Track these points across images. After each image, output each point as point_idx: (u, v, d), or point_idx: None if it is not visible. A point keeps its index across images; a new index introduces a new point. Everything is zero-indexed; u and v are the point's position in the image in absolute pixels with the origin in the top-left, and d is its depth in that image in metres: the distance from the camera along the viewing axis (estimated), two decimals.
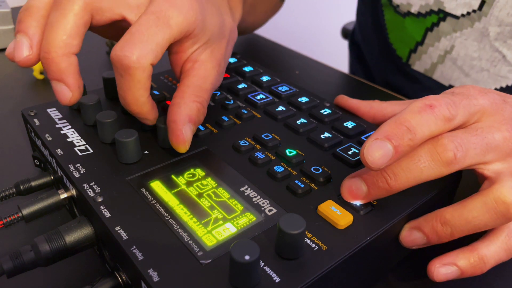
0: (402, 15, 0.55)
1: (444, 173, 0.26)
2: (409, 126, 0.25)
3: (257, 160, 0.31)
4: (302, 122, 0.35)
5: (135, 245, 0.24)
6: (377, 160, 0.25)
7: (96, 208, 0.27)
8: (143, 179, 0.29)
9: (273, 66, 0.58)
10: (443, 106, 0.26)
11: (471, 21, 0.49)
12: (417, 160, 0.26)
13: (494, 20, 0.47)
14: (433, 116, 0.26)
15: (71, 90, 0.29)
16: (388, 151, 0.25)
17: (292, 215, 0.23)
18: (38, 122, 0.35)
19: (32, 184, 0.32)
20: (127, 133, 0.30)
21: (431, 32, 0.53)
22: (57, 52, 0.28)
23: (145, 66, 0.28)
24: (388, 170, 0.26)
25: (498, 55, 0.48)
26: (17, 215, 0.29)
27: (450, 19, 0.50)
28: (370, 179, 0.27)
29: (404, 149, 0.25)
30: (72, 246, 0.27)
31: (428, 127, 0.26)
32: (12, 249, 0.26)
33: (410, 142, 0.25)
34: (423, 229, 0.27)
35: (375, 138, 0.25)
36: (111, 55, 0.28)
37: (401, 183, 0.26)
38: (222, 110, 0.38)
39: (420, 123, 0.25)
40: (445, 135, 0.26)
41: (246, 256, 0.21)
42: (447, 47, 0.52)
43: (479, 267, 0.28)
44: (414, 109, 0.26)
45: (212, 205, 0.28)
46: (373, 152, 0.25)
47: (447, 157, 0.26)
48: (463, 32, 0.50)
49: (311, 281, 0.23)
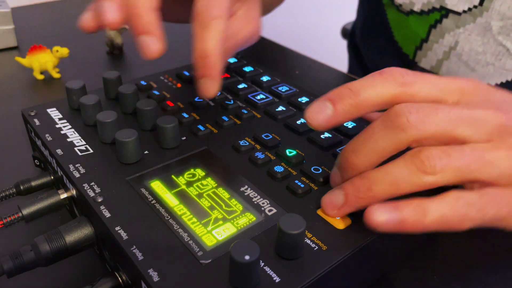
0: (405, 13, 0.55)
1: (397, 138, 0.24)
2: (352, 88, 0.25)
3: (257, 160, 0.31)
4: (302, 122, 0.35)
5: (135, 245, 0.24)
6: (316, 118, 0.25)
7: (96, 208, 0.27)
8: (143, 179, 0.29)
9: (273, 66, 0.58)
10: (395, 71, 0.26)
11: (473, 16, 0.49)
12: (372, 132, 0.25)
13: (496, 14, 0.47)
14: (380, 79, 0.25)
15: (160, 41, 0.29)
16: (328, 110, 0.25)
17: (292, 215, 0.24)
18: (38, 122, 0.35)
19: (32, 184, 0.32)
20: (127, 133, 0.30)
21: (434, 29, 0.53)
22: (144, 6, 0.29)
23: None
24: (347, 148, 0.26)
25: (502, 48, 0.48)
26: (17, 215, 0.29)
27: (452, 16, 0.50)
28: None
29: (345, 109, 0.25)
30: (72, 246, 0.27)
31: (374, 89, 0.25)
32: (12, 249, 0.26)
33: (351, 101, 0.25)
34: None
35: (318, 100, 0.26)
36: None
37: (362, 158, 0.25)
38: (222, 110, 0.38)
39: (365, 85, 0.25)
40: (399, 105, 0.25)
41: (246, 256, 0.21)
42: (451, 43, 0.52)
43: (419, 215, 0.24)
44: (363, 77, 0.26)
45: (212, 205, 0.28)
46: (313, 111, 0.26)
47: (400, 122, 0.24)
48: (466, 28, 0.50)
49: (311, 281, 0.23)
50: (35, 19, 0.72)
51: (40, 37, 0.65)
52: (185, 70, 0.44)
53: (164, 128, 0.32)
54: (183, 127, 0.35)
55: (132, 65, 0.59)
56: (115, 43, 0.60)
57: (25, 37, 0.65)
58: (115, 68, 0.57)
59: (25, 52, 0.60)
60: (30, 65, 0.53)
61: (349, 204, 0.26)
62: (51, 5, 0.79)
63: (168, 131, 0.32)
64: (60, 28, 0.69)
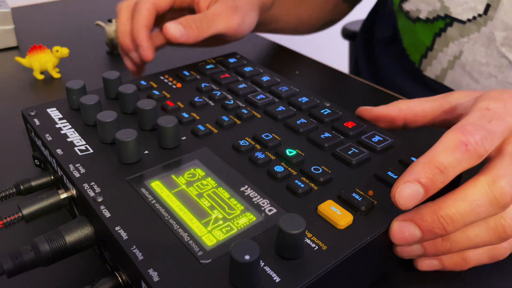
0: (413, 20, 0.55)
1: (497, 213, 0.25)
2: (442, 168, 0.25)
3: (257, 160, 0.31)
4: (302, 122, 0.35)
5: (135, 245, 0.24)
6: (408, 202, 0.25)
7: (96, 208, 0.27)
8: (143, 179, 0.29)
9: (273, 66, 0.58)
10: (479, 142, 0.25)
11: (477, 25, 0.48)
12: (476, 206, 0.25)
13: (499, 24, 0.46)
14: (467, 155, 0.25)
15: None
16: (419, 194, 0.25)
17: (292, 215, 0.23)
18: (38, 122, 0.35)
19: (32, 184, 0.32)
20: (127, 133, 0.30)
21: (439, 37, 0.52)
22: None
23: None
24: (445, 216, 0.25)
25: (505, 61, 0.48)
26: (17, 215, 0.29)
27: (456, 24, 0.50)
28: (425, 226, 0.25)
29: (436, 189, 0.25)
30: (72, 246, 0.27)
31: (461, 167, 0.25)
32: (12, 249, 0.26)
33: (441, 184, 0.25)
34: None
35: (407, 181, 0.25)
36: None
37: (457, 227, 0.25)
38: (222, 110, 0.38)
39: (454, 164, 0.25)
40: (499, 175, 0.25)
41: (246, 256, 0.21)
42: (455, 52, 0.51)
43: (460, 265, 0.28)
44: (449, 146, 0.25)
45: (212, 205, 0.28)
46: (406, 197, 0.25)
47: (505, 201, 0.25)
48: (470, 37, 0.49)
49: (311, 281, 0.23)
50: (35, 19, 0.72)
51: (40, 37, 0.66)
52: (185, 70, 0.44)
53: (164, 128, 0.32)
54: (183, 127, 0.35)
55: None
56: (115, 43, 0.60)
57: (25, 37, 0.65)
58: (115, 68, 0.57)
59: (25, 52, 0.60)
60: (30, 65, 0.53)
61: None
62: (51, 5, 0.79)
63: (168, 131, 0.32)
64: (60, 28, 0.69)
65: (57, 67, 0.56)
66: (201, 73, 0.44)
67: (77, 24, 0.71)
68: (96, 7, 0.79)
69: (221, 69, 0.45)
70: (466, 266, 0.29)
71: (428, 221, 0.25)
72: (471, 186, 0.25)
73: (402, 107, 0.34)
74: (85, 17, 0.74)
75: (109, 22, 0.60)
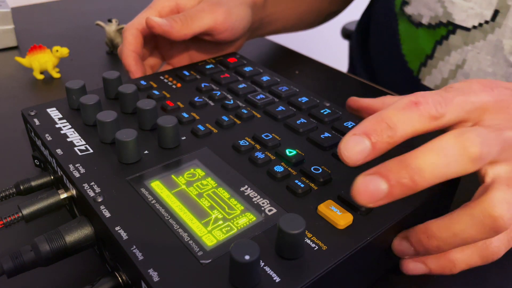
0: (416, 25, 0.53)
1: (468, 170, 0.24)
2: (390, 123, 0.24)
3: (257, 160, 0.31)
4: (302, 122, 0.35)
5: (135, 245, 0.24)
6: (353, 155, 0.24)
7: (96, 208, 0.27)
8: (143, 179, 0.29)
9: (273, 66, 0.58)
10: (430, 103, 0.25)
11: (483, 33, 0.46)
12: (444, 154, 0.23)
13: (509, 31, 0.44)
14: (417, 114, 0.25)
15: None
16: (366, 147, 0.24)
17: (292, 215, 0.23)
18: (38, 122, 0.35)
19: (32, 184, 0.32)
20: (127, 133, 0.30)
21: (440, 45, 0.50)
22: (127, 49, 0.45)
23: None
24: (413, 165, 0.23)
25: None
26: (17, 215, 0.29)
27: (460, 32, 0.48)
28: (392, 177, 0.24)
29: (382, 145, 0.24)
30: (72, 246, 0.27)
31: (411, 125, 0.25)
32: (12, 249, 0.26)
33: (389, 139, 0.24)
34: (410, 240, 0.27)
35: (353, 134, 0.25)
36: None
37: (426, 179, 0.24)
38: (222, 110, 0.38)
39: (402, 120, 0.25)
40: (468, 129, 0.24)
41: (246, 256, 0.21)
42: (458, 61, 0.49)
43: (449, 269, 0.27)
44: (399, 105, 0.25)
45: (212, 205, 0.28)
46: (350, 148, 0.24)
47: (474, 152, 0.24)
48: (475, 45, 0.47)
49: (311, 281, 0.23)
50: (35, 19, 0.72)
51: (40, 37, 0.66)
52: (185, 70, 0.44)
53: (164, 128, 0.32)
54: (183, 127, 0.35)
55: None
56: (115, 43, 0.60)
57: (25, 37, 0.65)
58: (115, 68, 0.57)
59: (25, 52, 0.60)
60: (30, 65, 0.53)
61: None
62: (51, 5, 0.79)
63: (168, 131, 0.32)
64: (60, 28, 0.69)
65: (57, 67, 0.56)
66: (201, 73, 0.44)
67: (77, 24, 0.71)
68: (96, 7, 0.79)
69: (221, 69, 0.45)
70: (455, 269, 0.27)
71: (395, 170, 0.24)
72: (439, 138, 0.24)
73: (386, 101, 0.34)
74: (85, 17, 0.74)
75: (109, 22, 0.60)
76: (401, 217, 0.27)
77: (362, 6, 0.73)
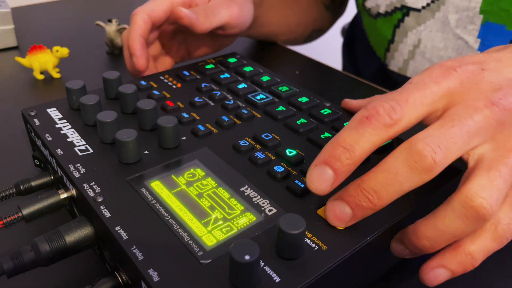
0: (374, 17, 0.57)
1: (426, 180, 0.24)
2: (346, 145, 0.24)
3: (257, 160, 0.31)
4: (302, 122, 0.35)
5: (135, 245, 0.24)
6: (320, 186, 0.25)
7: (96, 208, 0.27)
8: (143, 179, 0.29)
9: (273, 66, 0.58)
10: (382, 113, 0.25)
11: (431, 12, 0.49)
12: (395, 174, 0.24)
13: (451, 7, 0.48)
14: (370, 128, 0.24)
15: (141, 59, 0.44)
16: (329, 176, 0.25)
17: (292, 215, 0.23)
18: (38, 122, 0.35)
19: (32, 184, 0.32)
20: (127, 133, 0.30)
21: (398, 29, 0.54)
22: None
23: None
24: (368, 188, 0.24)
25: (461, 42, 0.49)
26: (17, 215, 0.29)
27: (413, 13, 0.51)
28: (352, 201, 0.25)
29: (344, 169, 0.24)
30: (72, 246, 0.27)
31: (367, 141, 0.24)
32: (12, 249, 0.26)
33: (349, 161, 0.24)
34: (404, 242, 0.27)
35: (315, 165, 0.25)
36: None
37: (384, 199, 0.24)
38: (222, 110, 0.38)
39: (357, 138, 0.24)
40: (418, 139, 0.24)
41: (246, 256, 0.21)
42: (414, 41, 0.53)
43: (469, 263, 0.26)
44: (352, 125, 0.25)
45: (212, 205, 0.28)
46: (315, 179, 0.25)
47: (426, 164, 0.23)
48: (426, 24, 0.50)
49: (311, 281, 0.23)
50: (35, 19, 0.72)
51: (40, 37, 0.66)
52: (185, 70, 0.44)
53: (164, 128, 0.32)
54: (183, 127, 0.35)
55: None
56: (115, 43, 0.60)
57: (25, 37, 0.65)
58: (115, 68, 0.57)
59: (25, 52, 0.60)
60: (30, 65, 0.53)
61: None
62: (51, 5, 0.79)
63: (168, 131, 0.32)
64: (60, 28, 0.69)
65: (57, 67, 0.56)
66: (201, 73, 0.44)
67: (77, 24, 0.71)
68: (96, 7, 0.79)
69: (221, 69, 0.45)
70: (475, 261, 0.26)
71: (354, 195, 0.25)
72: (391, 155, 0.24)
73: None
74: (85, 17, 0.74)
75: (109, 22, 0.60)
76: (401, 217, 0.27)
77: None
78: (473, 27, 0.47)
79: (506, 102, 0.25)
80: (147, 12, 0.44)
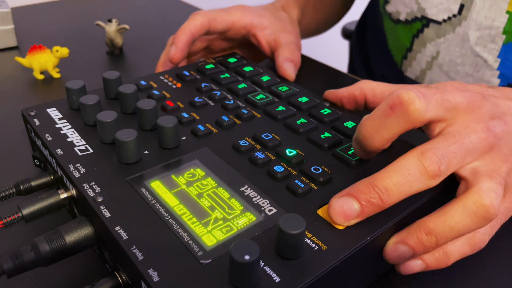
0: (395, 22, 0.57)
1: (431, 185, 0.26)
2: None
3: (257, 160, 0.31)
4: (302, 122, 0.35)
5: (135, 245, 0.24)
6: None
7: (96, 208, 0.27)
8: (143, 179, 0.29)
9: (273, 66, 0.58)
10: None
11: (452, 26, 0.49)
12: (408, 175, 0.26)
13: (473, 24, 0.47)
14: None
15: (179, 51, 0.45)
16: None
17: (292, 215, 0.24)
18: (38, 122, 0.35)
19: (32, 184, 0.32)
20: (127, 133, 0.30)
21: (417, 38, 0.54)
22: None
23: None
24: (380, 185, 0.26)
25: (480, 60, 0.48)
26: (17, 215, 0.29)
27: (433, 25, 0.51)
28: (362, 197, 0.26)
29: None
30: (72, 246, 0.27)
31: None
32: (12, 249, 0.26)
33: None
34: (408, 242, 0.27)
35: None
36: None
37: (393, 198, 0.26)
38: (222, 110, 0.38)
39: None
40: (427, 148, 0.26)
41: (246, 256, 0.21)
42: (433, 53, 0.53)
43: (443, 261, 0.28)
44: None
45: (212, 205, 0.28)
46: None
47: (433, 171, 0.26)
48: (446, 38, 0.50)
49: (311, 281, 0.23)
50: (35, 19, 0.72)
51: (40, 37, 0.66)
52: (185, 70, 0.44)
53: (164, 128, 0.32)
54: (183, 127, 0.35)
55: (132, 65, 0.59)
56: (115, 43, 0.60)
57: (25, 37, 0.65)
58: (115, 68, 0.57)
59: (25, 52, 0.60)
60: (30, 65, 0.53)
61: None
62: (51, 5, 0.79)
63: (168, 131, 0.32)
64: (60, 28, 0.69)
65: (57, 67, 0.56)
66: (201, 73, 0.44)
67: (77, 24, 0.71)
68: (96, 7, 0.79)
69: (221, 69, 0.45)
70: (449, 260, 0.28)
71: (365, 192, 0.26)
72: (403, 158, 0.26)
73: (363, 87, 0.37)
74: (85, 17, 0.74)
75: (109, 22, 0.60)
76: (401, 217, 0.27)
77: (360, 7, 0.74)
78: (493, 46, 0.47)
79: (498, 130, 0.28)
80: (209, 18, 0.46)
